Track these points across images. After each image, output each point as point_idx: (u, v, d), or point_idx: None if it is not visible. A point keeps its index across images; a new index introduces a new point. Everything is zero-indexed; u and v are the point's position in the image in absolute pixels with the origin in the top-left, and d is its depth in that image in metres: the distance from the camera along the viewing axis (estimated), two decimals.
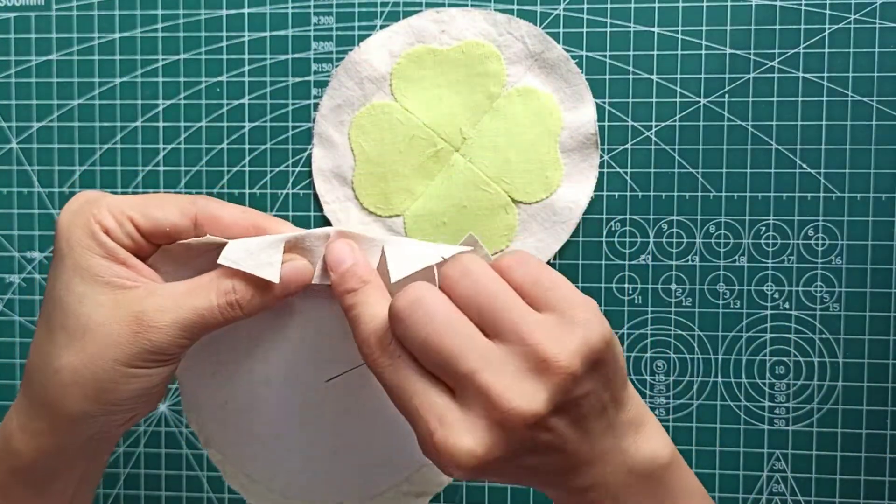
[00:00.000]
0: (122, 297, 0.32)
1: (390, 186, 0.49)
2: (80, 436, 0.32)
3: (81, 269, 0.32)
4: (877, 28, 0.47)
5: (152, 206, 0.33)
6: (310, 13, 0.49)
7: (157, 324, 0.31)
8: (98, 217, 0.32)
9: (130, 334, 0.31)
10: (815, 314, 0.48)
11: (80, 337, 0.31)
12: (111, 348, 0.31)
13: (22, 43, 0.51)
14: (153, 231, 0.33)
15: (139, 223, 0.33)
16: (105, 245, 0.32)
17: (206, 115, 0.50)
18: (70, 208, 0.33)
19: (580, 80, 0.48)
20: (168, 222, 0.33)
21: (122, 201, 0.33)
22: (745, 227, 0.48)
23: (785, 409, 0.48)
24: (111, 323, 0.31)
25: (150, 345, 0.31)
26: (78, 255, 0.32)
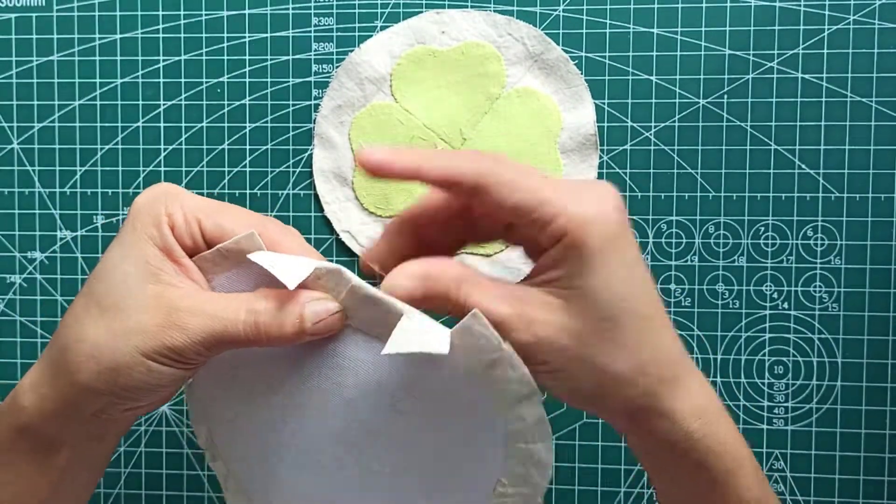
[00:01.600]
0: (162, 291, 0.32)
1: (390, 187, 0.49)
2: (84, 409, 0.33)
3: (135, 253, 0.32)
4: (876, 29, 0.47)
5: (224, 214, 0.34)
6: (310, 14, 0.50)
7: (182, 324, 0.31)
8: (169, 210, 0.33)
9: (156, 327, 0.31)
10: (814, 314, 0.48)
11: (112, 315, 0.32)
12: (136, 334, 0.31)
13: (23, 43, 0.51)
14: (217, 238, 0.34)
15: (205, 228, 0.33)
16: (166, 238, 0.33)
17: (207, 116, 0.50)
18: (149, 193, 0.34)
19: (580, 80, 0.48)
20: (234, 233, 0.33)
21: (197, 203, 0.34)
22: (745, 227, 0.48)
23: (784, 409, 0.48)
24: (144, 311, 0.32)
25: (170, 342, 0.31)
26: (138, 239, 0.33)
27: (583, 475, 0.49)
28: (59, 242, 0.51)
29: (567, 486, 0.49)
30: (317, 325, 0.32)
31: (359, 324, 0.32)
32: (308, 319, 0.32)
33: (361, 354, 0.33)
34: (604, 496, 0.49)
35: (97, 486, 0.51)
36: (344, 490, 0.35)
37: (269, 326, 0.32)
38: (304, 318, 0.32)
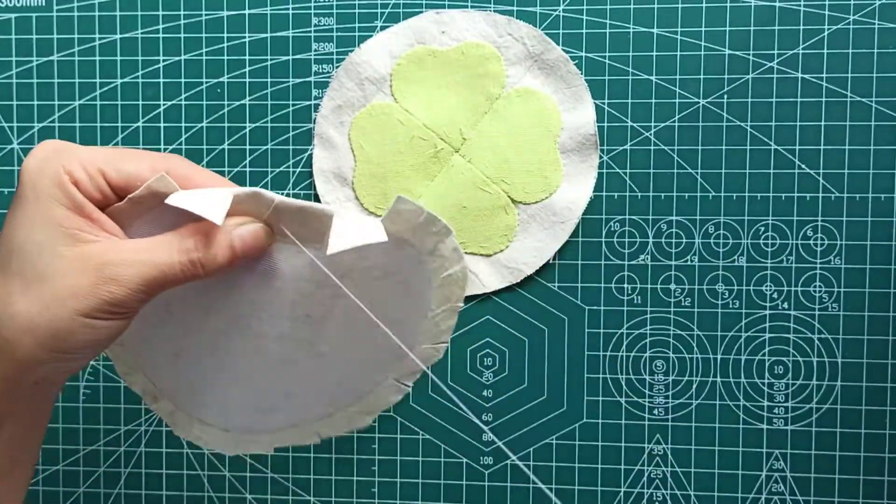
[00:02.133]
0: (84, 249, 0.32)
1: (390, 187, 0.49)
2: (26, 381, 0.33)
3: (45, 218, 0.32)
4: (876, 29, 0.47)
5: (125, 160, 0.33)
6: (310, 14, 0.50)
7: (118, 277, 0.31)
8: (68, 168, 0.32)
9: (91, 286, 0.31)
10: (813, 314, 0.48)
11: (38, 285, 0.31)
12: (70, 299, 0.31)
13: (23, 43, 0.51)
14: (124, 186, 0.33)
15: (110, 177, 0.33)
16: (73, 197, 0.32)
17: (207, 116, 0.50)
18: (38, 155, 0.32)
19: (579, 80, 0.48)
20: (140, 178, 0.33)
21: (94, 154, 0.33)
22: (744, 227, 0.48)
23: (784, 409, 0.48)
24: (72, 274, 0.31)
25: (110, 297, 0.31)
26: (43, 204, 0.32)
27: (583, 475, 0.49)
28: None
29: (567, 486, 0.49)
30: (246, 246, 0.33)
31: (286, 239, 0.34)
32: (237, 244, 0.33)
33: (295, 260, 0.35)
34: (604, 496, 0.49)
35: (97, 486, 0.51)
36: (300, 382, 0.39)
37: (204, 260, 0.32)
38: (234, 244, 0.33)
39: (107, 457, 0.52)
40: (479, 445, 0.50)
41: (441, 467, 0.50)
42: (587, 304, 0.49)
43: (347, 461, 0.50)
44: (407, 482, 0.50)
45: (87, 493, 0.52)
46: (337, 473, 0.50)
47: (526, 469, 0.49)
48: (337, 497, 0.50)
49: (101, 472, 0.52)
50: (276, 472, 0.51)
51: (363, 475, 0.50)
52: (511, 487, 0.50)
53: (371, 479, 0.50)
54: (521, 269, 0.49)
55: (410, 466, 0.50)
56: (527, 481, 0.49)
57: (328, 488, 0.50)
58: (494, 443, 0.50)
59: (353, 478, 0.50)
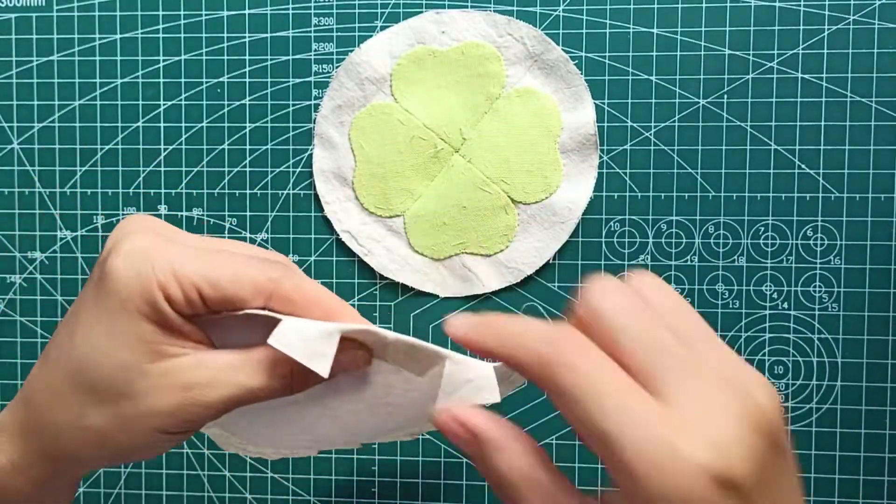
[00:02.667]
0: (168, 366, 0.29)
1: (390, 187, 0.49)
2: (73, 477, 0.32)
3: (130, 335, 0.29)
4: (875, 29, 0.47)
5: (225, 278, 0.29)
6: (310, 14, 0.50)
7: (204, 399, 0.29)
8: (163, 283, 0.29)
9: (175, 406, 0.29)
10: (813, 314, 0.48)
11: (115, 402, 0.29)
12: (152, 418, 0.29)
13: (23, 43, 0.51)
14: (220, 304, 0.30)
15: (207, 295, 0.29)
16: (164, 315, 0.29)
17: (207, 116, 0.50)
18: (129, 259, 0.29)
19: (579, 80, 0.48)
20: (240, 301, 0.30)
21: (191, 267, 0.29)
22: (744, 227, 0.48)
23: (784, 409, 0.48)
24: (155, 393, 0.29)
25: (192, 417, 0.29)
26: (130, 320, 0.29)
27: (583, 475, 0.49)
28: (59, 242, 0.51)
29: None
30: (342, 369, 0.30)
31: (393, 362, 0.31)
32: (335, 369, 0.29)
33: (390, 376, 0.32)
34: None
35: (97, 486, 0.51)
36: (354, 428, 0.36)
37: (298, 385, 0.30)
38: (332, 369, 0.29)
39: None
40: None
41: (441, 467, 0.50)
42: None
43: (347, 461, 0.50)
44: (407, 482, 0.50)
45: (86, 493, 0.52)
46: (337, 473, 0.50)
47: None
48: (337, 497, 0.50)
49: (102, 472, 0.52)
50: (276, 472, 0.51)
51: (363, 475, 0.50)
52: None
53: (371, 479, 0.50)
54: (521, 269, 0.49)
55: (410, 466, 0.50)
56: None
57: (328, 488, 0.50)
58: None
59: (353, 478, 0.50)
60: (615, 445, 0.22)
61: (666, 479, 0.21)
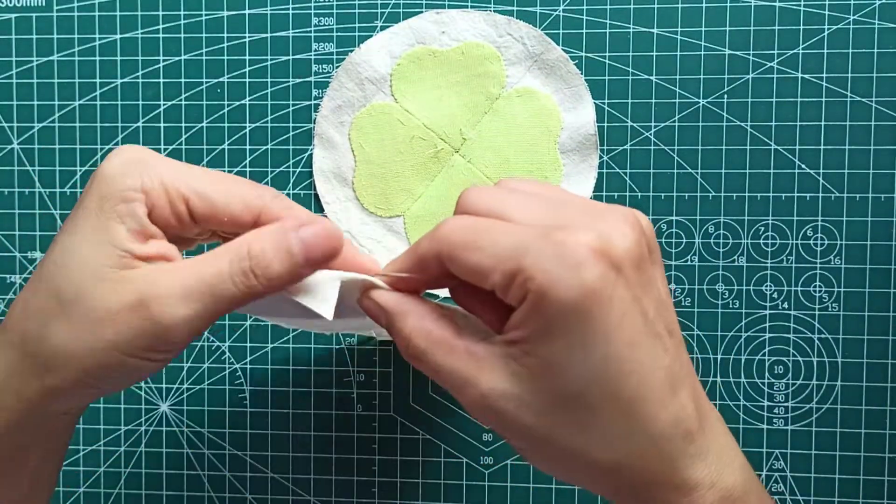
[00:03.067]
0: (128, 274, 0.27)
1: (390, 187, 0.49)
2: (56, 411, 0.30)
3: (99, 234, 0.27)
4: (876, 29, 0.47)
5: (215, 190, 0.29)
6: (310, 14, 0.50)
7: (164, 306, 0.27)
8: (147, 186, 0.28)
9: (134, 318, 0.27)
10: (814, 314, 0.48)
11: (75, 309, 0.27)
12: (105, 328, 0.27)
13: (23, 43, 0.51)
14: (208, 217, 0.29)
15: (195, 206, 0.28)
16: (141, 221, 0.28)
17: (207, 116, 0.50)
18: (116, 162, 0.28)
19: (579, 80, 0.48)
20: (228, 214, 0.29)
21: (180, 175, 0.28)
22: (744, 227, 0.48)
23: (784, 409, 0.48)
24: (109, 300, 0.27)
25: (153, 331, 0.27)
26: (103, 219, 0.27)
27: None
28: None
29: (567, 486, 0.49)
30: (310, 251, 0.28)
31: None
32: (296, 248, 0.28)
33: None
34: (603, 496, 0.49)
35: (97, 486, 0.51)
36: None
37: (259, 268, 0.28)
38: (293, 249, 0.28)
39: (107, 457, 0.52)
40: (479, 445, 0.50)
41: (441, 467, 0.50)
42: None
43: (347, 461, 0.50)
44: (407, 482, 0.50)
45: (87, 493, 0.52)
46: (337, 473, 0.50)
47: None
48: (337, 497, 0.50)
49: (101, 472, 0.52)
50: (275, 473, 0.51)
51: (363, 475, 0.50)
52: (511, 487, 0.50)
53: (371, 479, 0.50)
54: None
55: (410, 466, 0.50)
56: (527, 481, 0.49)
57: (328, 488, 0.50)
58: (494, 443, 0.50)
59: (353, 478, 0.50)
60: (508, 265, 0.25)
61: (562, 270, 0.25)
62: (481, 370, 0.27)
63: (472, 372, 0.27)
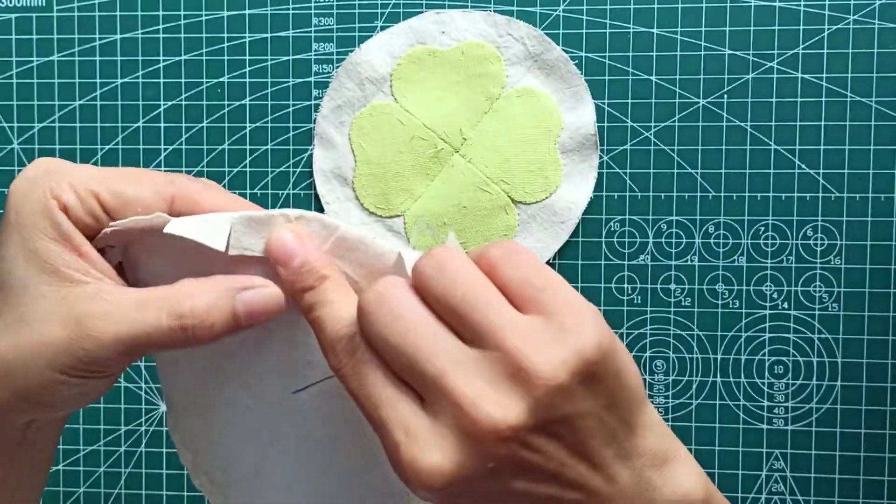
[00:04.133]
0: (67, 292, 0.27)
1: (390, 187, 0.49)
2: (8, 425, 0.29)
3: (28, 251, 0.27)
4: (875, 29, 0.47)
5: (124, 182, 0.28)
6: (310, 15, 0.50)
7: (97, 333, 0.27)
8: (56, 191, 0.28)
9: (67, 339, 0.27)
10: (813, 314, 0.48)
11: (16, 328, 0.27)
12: (45, 349, 0.27)
13: (23, 44, 0.51)
14: (121, 211, 0.28)
15: (105, 201, 0.28)
16: (60, 227, 0.28)
17: (208, 116, 0.50)
18: (27, 175, 0.28)
19: (579, 80, 0.48)
20: (140, 202, 0.28)
21: (88, 174, 0.28)
22: (744, 227, 0.48)
23: (784, 409, 0.48)
24: (50, 321, 0.27)
25: (85, 355, 0.27)
26: (28, 234, 0.27)
27: None
28: None
29: None
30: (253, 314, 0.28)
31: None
32: (241, 310, 0.28)
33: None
34: None
35: (97, 486, 0.51)
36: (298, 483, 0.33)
37: (199, 329, 0.28)
38: (238, 311, 0.28)
39: (107, 457, 0.51)
40: None
41: None
42: None
43: None
44: None
45: (87, 494, 0.52)
46: None
47: None
48: None
49: (102, 472, 0.52)
50: None
51: None
52: None
53: None
54: None
55: None
56: None
57: None
58: None
59: None
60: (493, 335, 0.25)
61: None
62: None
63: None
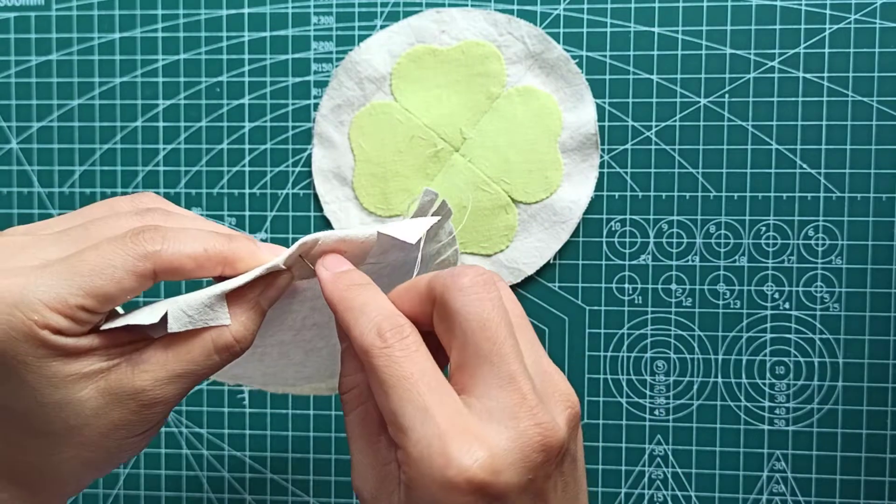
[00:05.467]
0: (107, 382, 0.27)
1: (390, 186, 0.49)
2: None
3: (46, 380, 0.26)
4: (877, 28, 0.47)
5: (99, 281, 0.26)
6: (310, 13, 0.49)
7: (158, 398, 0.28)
8: (42, 322, 0.26)
9: (134, 414, 0.27)
10: (815, 314, 0.48)
11: (77, 432, 0.27)
12: (118, 430, 0.28)
13: (22, 43, 0.51)
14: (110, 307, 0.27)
15: (92, 308, 0.27)
16: (64, 348, 0.26)
17: (206, 115, 0.50)
18: None
19: (580, 80, 0.48)
20: (123, 295, 0.27)
21: (60, 291, 0.26)
22: (746, 227, 0.48)
23: (785, 410, 0.48)
24: (109, 410, 0.27)
25: (155, 417, 0.28)
26: (35, 371, 0.26)
27: None
28: None
29: None
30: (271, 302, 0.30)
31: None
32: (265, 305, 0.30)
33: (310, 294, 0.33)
34: (604, 497, 0.49)
35: (96, 487, 0.51)
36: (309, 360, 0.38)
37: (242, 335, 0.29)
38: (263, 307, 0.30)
39: None
40: None
41: None
42: (588, 305, 0.49)
43: (347, 462, 0.50)
44: None
45: (85, 494, 0.51)
46: (337, 474, 0.50)
47: None
48: (336, 498, 0.50)
49: None
50: (275, 473, 0.51)
51: None
52: None
53: None
54: (521, 269, 0.49)
55: None
56: None
57: (328, 489, 0.50)
58: None
59: None
60: (401, 436, 0.25)
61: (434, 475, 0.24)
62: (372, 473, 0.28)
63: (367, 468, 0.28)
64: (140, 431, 0.28)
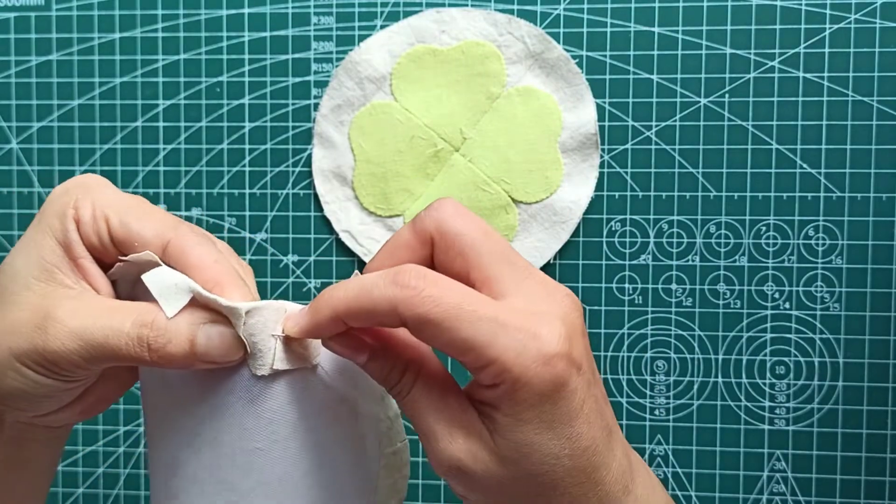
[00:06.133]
0: (51, 290, 0.29)
1: (390, 186, 0.49)
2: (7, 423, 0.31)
3: (32, 245, 0.30)
4: (877, 28, 0.47)
5: (133, 215, 0.30)
6: (310, 13, 0.49)
7: (58, 325, 0.28)
8: (78, 204, 0.30)
9: (30, 325, 0.28)
10: (815, 314, 0.48)
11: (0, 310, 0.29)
12: (9, 334, 0.29)
13: (22, 43, 0.51)
14: (123, 241, 0.30)
15: (113, 227, 0.30)
16: (67, 233, 0.30)
17: (206, 116, 0.50)
18: (67, 182, 0.31)
19: (580, 80, 0.48)
20: (139, 238, 0.30)
21: (110, 199, 0.30)
22: (746, 227, 0.48)
23: (785, 410, 0.48)
24: (23, 310, 0.29)
25: (43, 347, 0.28)
26: (39, 232, 0.30)
27: None
28: None
29: None
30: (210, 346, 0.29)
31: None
32: (201, 341, 0.29)
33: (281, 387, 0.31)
34: None
35: (96, 487, 0.51)
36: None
37: (155, 343, 0.28)
38: (197, 340, 0.28)
39: (106, 457, 0.51)
40: None
41: None
42: (588, 305, 0.49)
43: None
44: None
45: (85, 494, 0.51)
46: None
47: None
48: None
49: (101, 472, 0.51)
50: None
51: None
52: None
53: None
54: None
55: (410, 467, 0.50)
56: None
57: None
58: None
59: None
60: (488, 352, 0.26)
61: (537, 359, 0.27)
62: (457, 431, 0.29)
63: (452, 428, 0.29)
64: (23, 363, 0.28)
